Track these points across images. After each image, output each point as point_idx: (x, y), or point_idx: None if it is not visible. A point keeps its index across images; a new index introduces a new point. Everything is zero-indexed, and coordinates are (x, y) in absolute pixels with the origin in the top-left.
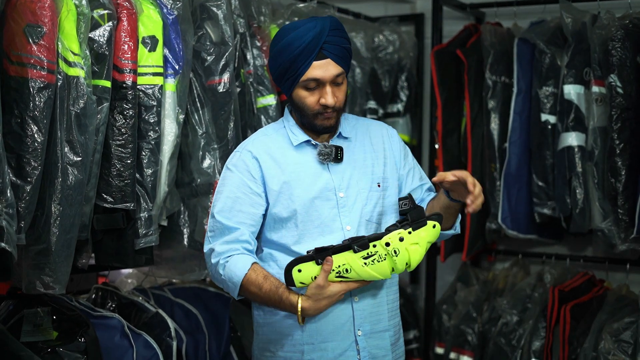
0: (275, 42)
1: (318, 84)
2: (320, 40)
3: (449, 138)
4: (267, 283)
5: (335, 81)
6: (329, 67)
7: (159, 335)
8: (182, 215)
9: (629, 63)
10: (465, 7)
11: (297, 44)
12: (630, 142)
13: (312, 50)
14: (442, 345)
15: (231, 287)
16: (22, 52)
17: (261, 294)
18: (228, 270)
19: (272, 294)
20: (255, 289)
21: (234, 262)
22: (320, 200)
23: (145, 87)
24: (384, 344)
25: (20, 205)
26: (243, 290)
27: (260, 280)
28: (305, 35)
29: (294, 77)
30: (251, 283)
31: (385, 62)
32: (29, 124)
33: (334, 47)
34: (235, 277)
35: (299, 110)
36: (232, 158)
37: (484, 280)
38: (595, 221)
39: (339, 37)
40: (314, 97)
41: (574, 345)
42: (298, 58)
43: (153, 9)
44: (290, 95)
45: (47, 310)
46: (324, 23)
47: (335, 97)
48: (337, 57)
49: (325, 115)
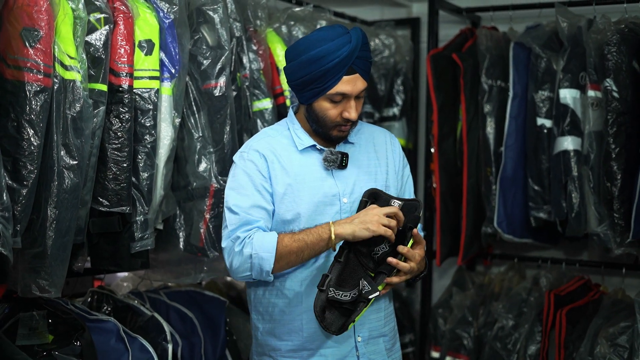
0: (301, 50)
1: (343, 97)
2: (353, 56)
3: (444, 142)
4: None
5: (359, 95)
6: (357, 82)
7: (154, 339)
8: (177, 219)
9: (625, 67)
10: (461, 11)
11: (330, 58)
12: (625, 146)
13: (345, 65)
14: (438, 349)
15: (265, 258)
16: (18, 56)
17: (297, 236)
18: (257, 243)
19: (309, 232)
20: (289, 237)
21: (259, 236)
22: (324, 205)
23: (142, 91)
24: (380, 348)
25: (16, 208)
26: (279, 250)
27: (290, 233)
28: (341, 49)
29: (321, 89)
30: (282, 237)
31: (381, 66)
32: (25, 127)
33: (363, 62)
34: (268, 243)
35: (317, 120)
36: (240, 157)
37: (480, 284)
38: (591, 225)
39: (367, 52)
40: (337, 109)
41: (569, 350)
42: (329, 72)
43: (149, 13)
44: (310, 104)
45: (42, 314)
46: (358, 38)
47: (357, 111)
48: (364, 72)
49: (343, 128)
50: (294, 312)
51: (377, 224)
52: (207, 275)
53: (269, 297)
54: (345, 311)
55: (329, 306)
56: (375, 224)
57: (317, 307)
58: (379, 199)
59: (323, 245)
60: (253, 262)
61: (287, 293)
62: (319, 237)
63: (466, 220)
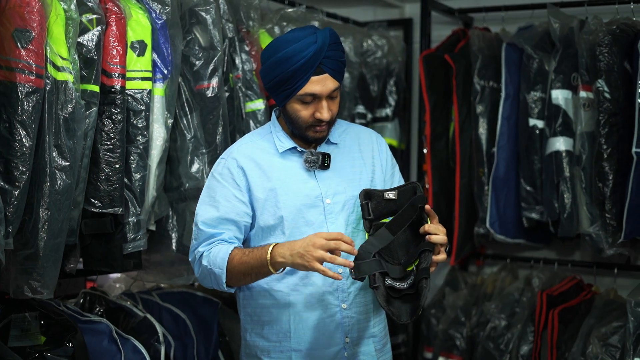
0: (271, 52)
1: (314, 98)
2: (320, 56)
3: (437, 142)
4: (249, 250)
5: (331, 95)
6: (327, 82)
7: (147, 340)
8: (170, 220)
9: (617, 68)
10: (454, 12)
11: (296, 59)
12: (617, 147)
13: (312, 66)
14: (431, 350)
15: (218, 273)
16: (10, 57)
17: (245, 257)
18: (212, 257)
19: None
20: (239, 257)
21: (216, 250)
22: (307, 207)
23: (134, 92)
24: (369, 349)
25: (8, 209)
26: (230, 268)
27: (245, 250)
28: (306, 50)
29: (291, 90)
30: (234, 256)
31: (374, 66)
32: (17, 128)
33: (332, 62)
34: (219, 259)
35: (291, 122)
36: (217, 166)
37: (473, 285)
38: (583, 226)
39: (337, 51)
40: (308, 110)
41: (562, 350)
42: (296, 73)
43: (142, 14)
44: (284, 106)
45: (35, 315)
46: (325, 38)
47: (330, 111)
48: (334, 72)
49: (317, 128)
50: (282, 313)
51: (312, 260)
52: None
53: (257, 298)
54: (407, 297)
55: (389, 299)
56: (311, 260)
57: (383, 303)
58: (373, 197)
59: (266, 271)
60: (210, 275)
61: (275, 294)
62: (260, 261)
63: (459, 220)
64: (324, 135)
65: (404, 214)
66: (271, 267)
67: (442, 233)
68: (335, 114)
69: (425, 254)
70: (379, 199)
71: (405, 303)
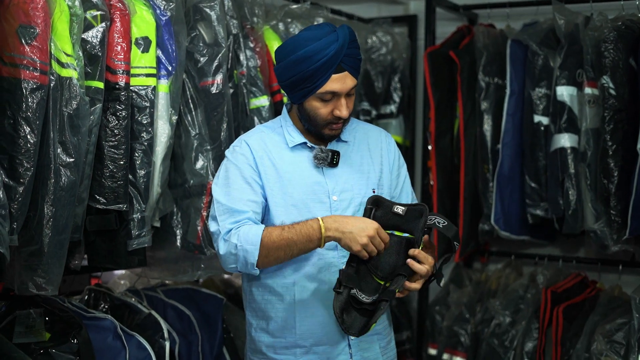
0: (289, 50)
1: (334, 95)
2: (341, 54)
3: (441, 139)
4: (288, 226)
5: (349, 93)
6: (347, 80)
7: (151, 337)
8: (174, 217)
9: (622, 65)
10: (458, 9)
11: (318, 57)
12: (622, 143)
13: (333, 64)
14: (435, 346)
15: (250, 250)
16: (14, 53)
17: (285, 233)
18: (243, 235)
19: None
20: (278, 233)
21: (247, 227)
22: (314, 202)
23: (138, 88)
24: (374, 347)
25: (13, 206)
26: (263, 244)
27: (283, 227)
28: (328, 48)
29: (310, 88)
30: (271, 231)
31: (379, 63)
32: (21, 125)
33: (351, 60)
34: (253, 236)
35: (308, 119)
36: (232, 151)
37: (477, 282)
38: (587, 222)
39: (355, 49)
40: (327, 108)
41: (566, 347)
42: (318, 71)
43: (146, 10)
44: (301, 104)
45: (39, 312)
46: (345, 36)
47: (348, 108)
48: (353, 70)
49: (334, 126)
50: (287, 309)
51: (360, 243)
52: (205, 273)
53: (262, 293)
54: (365, 312)
55: (347, 308)
56: (360, 242)
57: (337, 309)
58: (382, 206)
59: (312, 247)
60: (238, 253)
61: (281, 290)
62: (308, 238)
63: (463, 217)
64: (339, 133)
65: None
66: (324, 240)
67: (428, 265)
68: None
69: (399, 277)
70: (387, 209)
71: (362, 317)
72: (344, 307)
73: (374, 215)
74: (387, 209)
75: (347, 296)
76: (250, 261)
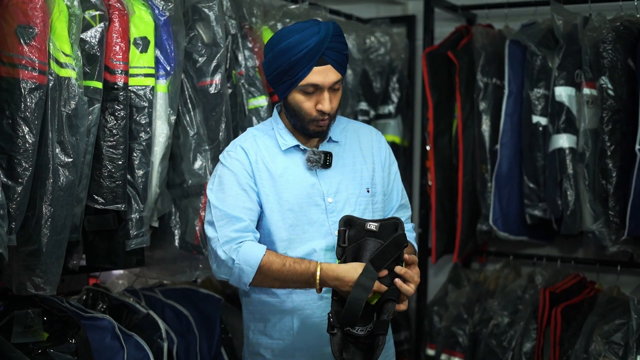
0: (274, 43)
1: (316, 89)
2: (323, 46)
3: (440, 139)
4: (289, 259)
5: (333, 87)
6: (329, 73)
7: (149, 337)
8: (173, 217)
9: (620, 65)
10: (457, 9)
11: (299, 48)
12: (621, 144)
13: (314, 56)
14: (433, 347)
15: (247, 271)
16: (13, 53)
17: (285, 270)
18: (243, 254)
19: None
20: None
21: (248, 246)
22: (309, 205)
23: (137, 88)
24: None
25: (11, 206)
26: (261, 270)
27: (282, 257)
28: (309, 39)
29: (292, 80)
30: (272, 261)
31: (377, 63)
32: (20, 124)
33: (335, 54)
34: (253, 258)
35: (294, 114)
36: (226, 155)
37: (475, 282)
38: (586, 223)
39: (340, 44)
40: (310, 102)
41: (564, 347)
42: (299, 62)
43: (145, 10)
44: (285, 98)
45: (37, 312)
46: (328, 29)
47: (331, 103)
48: (337, 64)
49: (320, 122)
50: (285, 311)
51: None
52: (203, 273)
53: (260, 295)
54: (362, 345)
55: (345, 345)
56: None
57: (336, 351)
58: (354, 225)
59: (307, 286)
60: (234, 269)
61: (279, 293)
62: (304, 277)
63: (461, 217)
64: (325, 130)
65: (386, 252)
66: (318, 287)
67: (415, 284)
68: (337, 108)
69: (389, 304)
70: (360, 228)
71: (360, 350)
72: (342, 346)
73: (348, 236)
74: (360, 227)
75: (342, 334)
76: (243, 280)
